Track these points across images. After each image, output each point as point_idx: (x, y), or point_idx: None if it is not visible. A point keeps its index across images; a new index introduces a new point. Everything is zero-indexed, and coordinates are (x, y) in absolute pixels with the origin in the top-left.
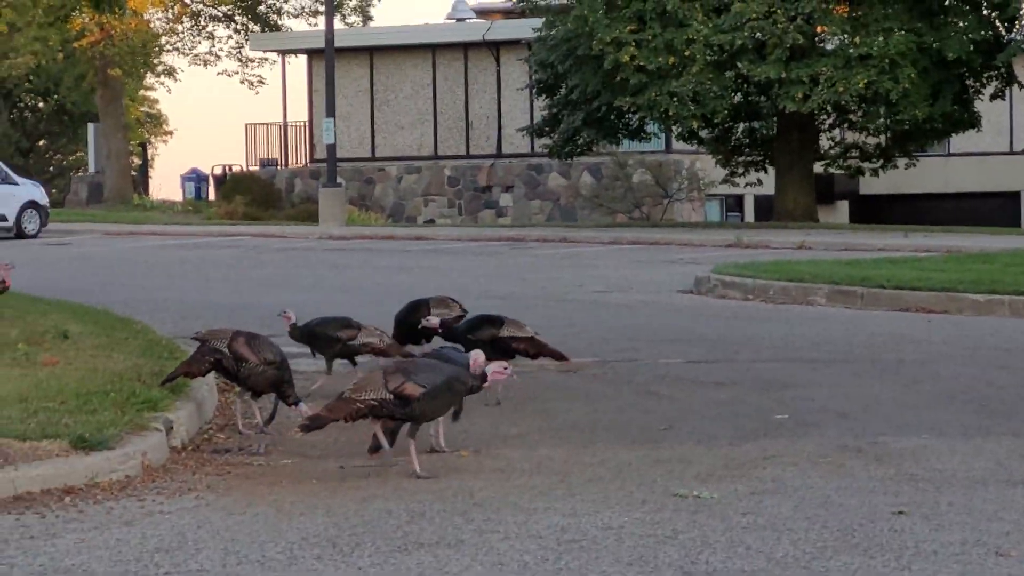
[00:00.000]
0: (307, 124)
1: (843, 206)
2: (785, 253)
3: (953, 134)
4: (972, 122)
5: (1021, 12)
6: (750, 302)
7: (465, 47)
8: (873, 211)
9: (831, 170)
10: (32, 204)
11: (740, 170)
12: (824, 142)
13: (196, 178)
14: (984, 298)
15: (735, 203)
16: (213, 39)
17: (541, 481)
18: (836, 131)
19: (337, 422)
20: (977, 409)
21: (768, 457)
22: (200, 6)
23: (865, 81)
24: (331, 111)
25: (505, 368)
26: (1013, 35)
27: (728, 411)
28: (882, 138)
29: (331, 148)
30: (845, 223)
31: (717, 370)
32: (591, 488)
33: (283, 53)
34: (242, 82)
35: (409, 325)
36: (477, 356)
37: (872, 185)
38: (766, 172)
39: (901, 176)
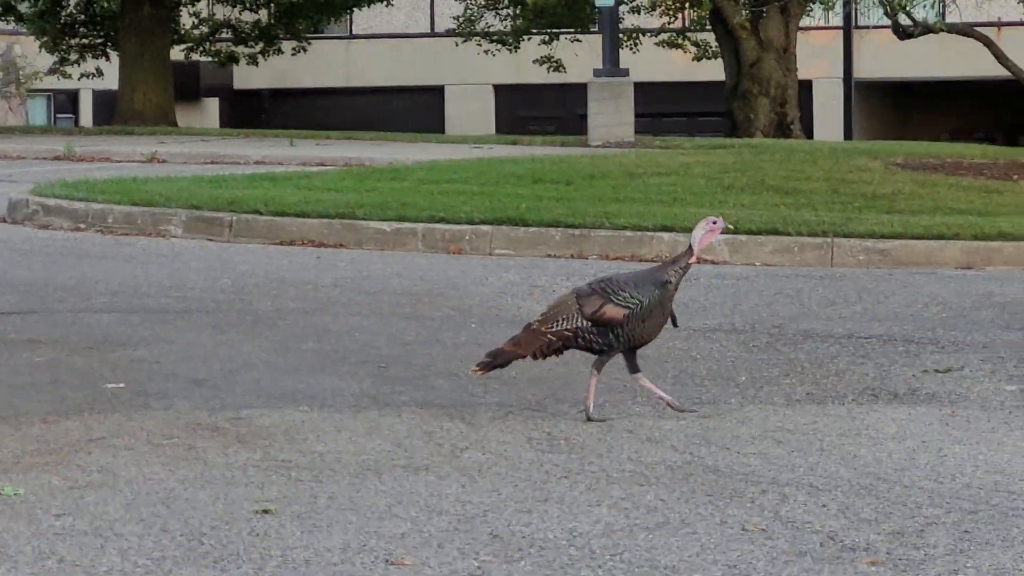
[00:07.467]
0: None
1: (212, 105)
2: (132, 168)
3: (356, 8)
4: None
5: None
6: (83, 233)
7: None
8: (251, 112)
9: (196, 57)
10: None
11: (74, 57)
12: (186, 19)
13: None
14: (391, 227)
15: (68, 101)
16: None
17: None
18: (201, 4)
19: (524, 359)
20: (375, 373)
21: (95, 439)
22: None
23: None
24: None
25: (715, 222)
26: None
27: (45, 378)
28: (263, 13)
29: None
30: (214, 128)
31: (32, 324)
32: None
33: None
34: None
35: None
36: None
37: (250, 77)
38: (108, 60)
39: (288, 65)
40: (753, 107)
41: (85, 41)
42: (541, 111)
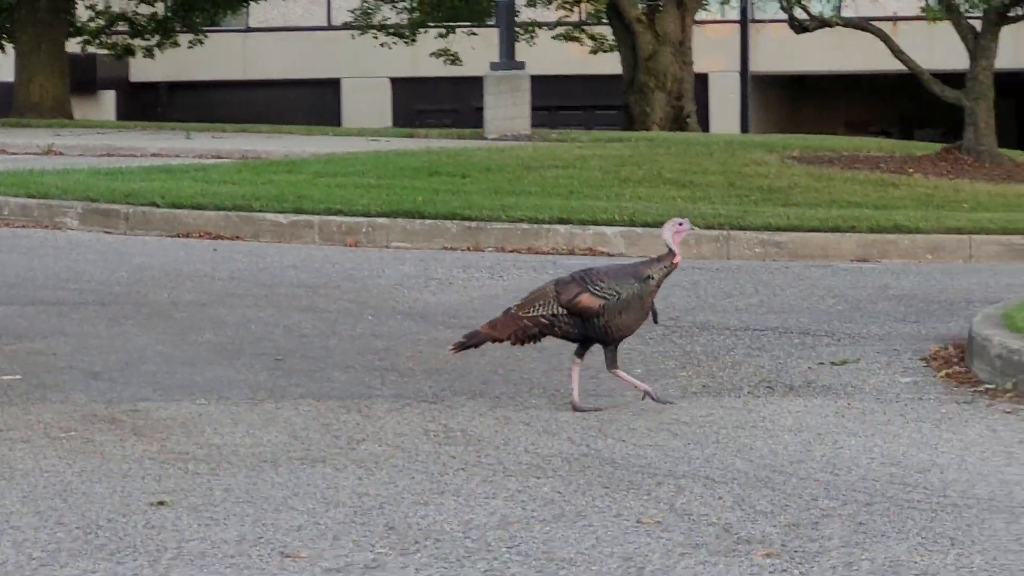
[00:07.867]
0: None
1: (108, 98)
2: (28, 160)
3: (252, 1)
4: None
5: None
6: None
7: None
8: (148, 104)
9: (92, 50)
10: None
11: None
12: (83, 11)
13: None
14: (288, 219)
15: None
16: None
17: None
18: None
19: (501, 343)
20: (271, 365)
21: None
22: None
23: None
24: None
25: (680, 223)
26: None
27: None
28: (159, 6)
29: None
30: (111, 120)
31: None
32: None
33: None
34: None
35: None
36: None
37: (147, 70)
38: (4, 52)
39: (185, 58)
40: (649, 100)
41: None
42: (438, 104)
